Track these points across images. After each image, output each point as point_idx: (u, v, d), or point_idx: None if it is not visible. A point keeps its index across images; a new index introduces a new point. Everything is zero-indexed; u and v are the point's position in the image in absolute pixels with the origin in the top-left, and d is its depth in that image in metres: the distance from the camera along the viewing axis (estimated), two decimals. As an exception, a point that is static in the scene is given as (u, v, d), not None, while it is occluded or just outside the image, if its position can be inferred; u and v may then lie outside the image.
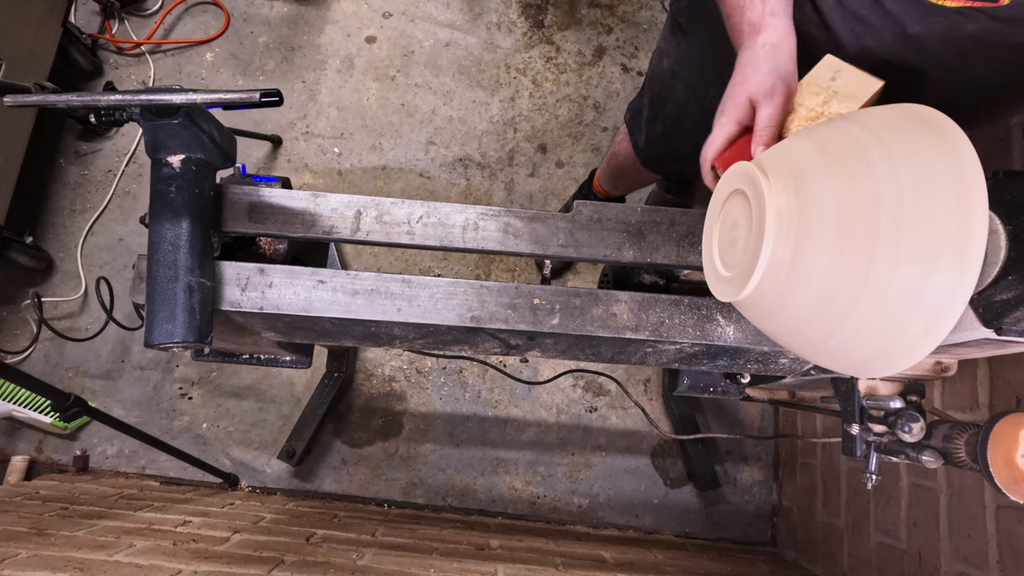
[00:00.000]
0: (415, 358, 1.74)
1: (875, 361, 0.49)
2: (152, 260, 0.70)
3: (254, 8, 1.96)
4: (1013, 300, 0.50)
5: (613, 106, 1.93)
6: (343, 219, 0.78)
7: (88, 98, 0.65)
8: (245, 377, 1.70)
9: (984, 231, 0.42)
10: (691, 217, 0.79)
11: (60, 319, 1.71)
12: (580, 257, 0.79)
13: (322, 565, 1.04)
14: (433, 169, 1.86)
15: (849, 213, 0.47)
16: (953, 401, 1.09)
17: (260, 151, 1.85)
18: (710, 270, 0.63)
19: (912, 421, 0.69)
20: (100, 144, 1.83)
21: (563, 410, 1.73)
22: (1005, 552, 0.96)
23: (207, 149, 0.73)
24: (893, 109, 0.51)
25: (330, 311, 0.75)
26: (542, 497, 1.68)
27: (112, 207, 1.79)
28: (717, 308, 0.77)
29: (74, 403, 1.14)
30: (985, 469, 0.59)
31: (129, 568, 0.95)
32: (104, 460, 1.64)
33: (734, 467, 1.71)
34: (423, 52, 1.95)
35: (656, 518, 1.68)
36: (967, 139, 0.45)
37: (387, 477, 1.67)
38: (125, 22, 1.91)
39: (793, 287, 0.51)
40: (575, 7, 2.02)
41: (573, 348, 0.83)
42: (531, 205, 1.85)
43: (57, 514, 1.20)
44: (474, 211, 0.78)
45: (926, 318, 0.44)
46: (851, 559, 1.35)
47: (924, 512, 1.14)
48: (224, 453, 1.66)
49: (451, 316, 0.76)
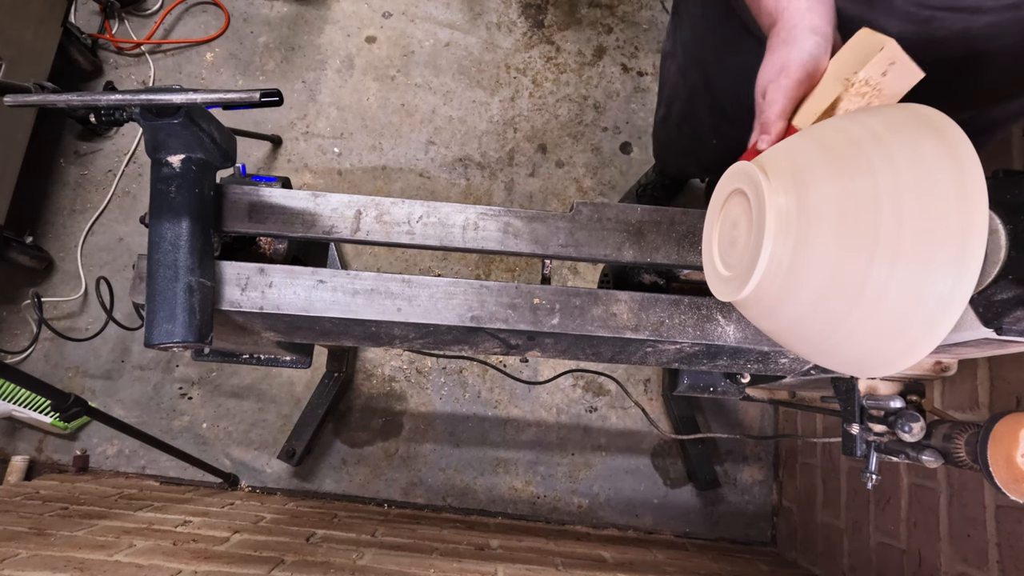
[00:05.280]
0: (415, 358, 1.74)
1: (875, 361, 0.49)
2: (152, 260, 0.70)
3: (254, 8, 1.96)
4: (1013, 300, 0.50)
5: (613, 106, 1.93)
6: (343, 219, 0.78)
7: (88, 98, 0.65)
8: (245, 377, 1.70)
9: (984, 231, 0.42)
10: (691, 217, 0.79)
11: (60, 319, 1.71)
12: (580, 257, 0.79)
13: (322, 565, 1.04)
14: (433, 169, 1.86)
15: (849, 212, 0.47)
16: (953, 401, 1.09)
17: (260, 151, 1.85)
18: (710, 270, 0.63)
19: (912, 421, 0.69)
20: (100, 144, 1.83)
21: (563, 410, 1.73)
22: (1005, 552, 0.96)
23: (207, 149, 0.72)
24: (893, 109, 0.51)
25: (330, 311, 0.75)
26: (542, 497, 1.68)
27: (112, 207, 1.79)
28: (717, 308, 0.77)
29: (74, 403, 1.14)
30: (985, 469, 0.59)
31: (129, 568, 0.95)
32: (104, 460, 1.64)
33: (734, 467, 1.71)
34: (423, 52, 1.95)
35: (656, 518, 1.68)
36: (967, 139, 0.45)
37: (387, 477, 1.67)
38: (125, 22, 1.91)
39: (793, 286, 0.51)
40: (575, 7, 2.02)
41: (573, 348, 0.83)
42: (531, 205, 1.85)
43: (57, 514, 1.20)
44: (474, 211, 0.78)
45: (926, 318, 0.44)
46: (851, 559, 1.35)
47: (924, 512, 1.14)
48: (224, 453, 1.66)
49: (451, 316, 0.76)
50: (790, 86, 0.60)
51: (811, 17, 0.61)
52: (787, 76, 0.60)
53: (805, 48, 0.60)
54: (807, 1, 0.61)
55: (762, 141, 0.63)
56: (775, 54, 0.62)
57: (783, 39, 0.61)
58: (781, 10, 0.62)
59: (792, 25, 0.61)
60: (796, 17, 0.61)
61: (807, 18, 0.61)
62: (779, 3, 0.62)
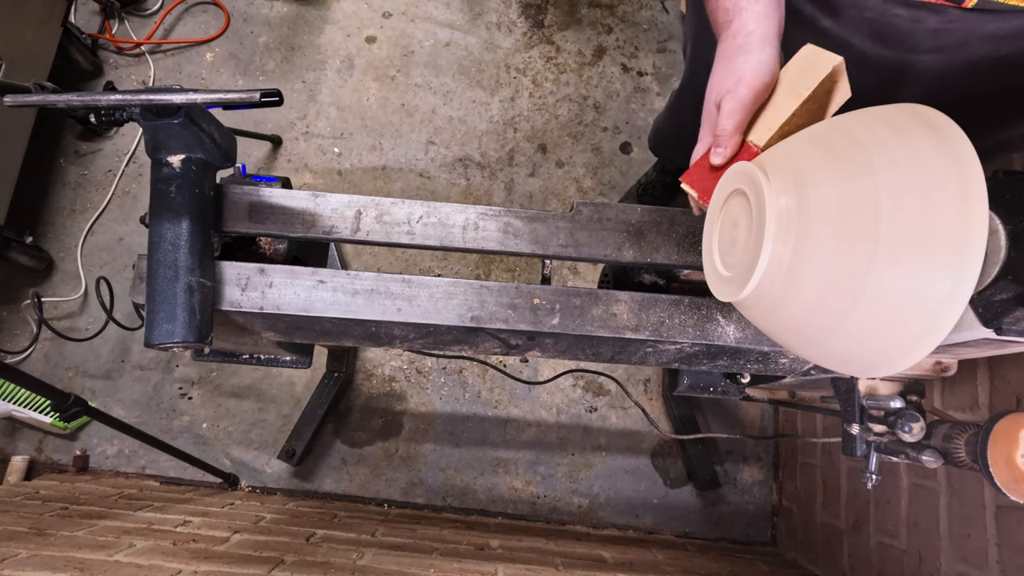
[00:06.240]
0: (415, 358, 1.74)
1: (875, 361, 0.49)
2: (152, 260, 0.70)
3: (254, 8, 1.96)
4: (1013, 300, 0.50)
5: (613, 106, 1.93)
6: (343, 219, 0.78)
7: (88, 98, 0.65)
8: (245, 377, 1.70)
9: (984, 231, 0.42)
10: (691, 217, 0.79)
11: (60, 319, 1.71)
12: (580, 257, 0.79)
13: (322, 565, 1.04)
14: (433, 169, 1.86)
15: (849, 213, 0.47)
16: (953, 401, 1.09)
17: (260, 151, 1.85)
18: (710, 270, 0.63)
19: (912, 421, 0.69)
20: (100, 144, 1.83)
21: (563, 410, 1.73)
22: (1005, 552, 0.96)
23: (207, 149, 0.72)
24: (893, 109, 0.51)
25: (330, 311, 0.75)
26: (542, 497, 1.68)
27: (112, 207, 1.79)
28: (717, 308, 0.77)
29: (74, 403, 1.14)
30: (985, 469, 0.59)
31: (129, 568, 0.95)
32: (104, 460, 1.64)
33: (734, 467, 1.71)
34: (423, 52, 1.95)
35: (656, 518, 1.68)
36: (967, 139, 0.45)
37: (387, 477, 1.67)
38: (125, 22, 1.91)
39: (793, 287, 0.51)
40: (575, 7, 2.02)
41: (573, 348, 0.83)
42: (531, 205, 1.85)
43: (57, 514, 1.20)
44: (474, 211, 0.78)
45: (926, 318, 0.44)
46: (851, 559, 1.35)
47: (924, 512, 1.14)
48: (224, 453, 1.66)
49: (451, 316, 0.76)
50: (747, 98, 0.59)
51: (767, 26, 0.60)
52: (745, 87, 0.59)
53: (762, 59, 0.59)
54: (764, 8, 0.60)
55: (716, 155, 0.61)
56: (731, 62, 0.60)
57: (739, 46, 0.60)
58: (739, 10, 0.61)
59: (748, 31, 0.60)
60: (752, 23, 0.60)
61: (763, 26, 0.60)
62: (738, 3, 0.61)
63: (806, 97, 0.58)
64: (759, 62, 0.59)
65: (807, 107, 0.59)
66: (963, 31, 0.68)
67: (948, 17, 0.67)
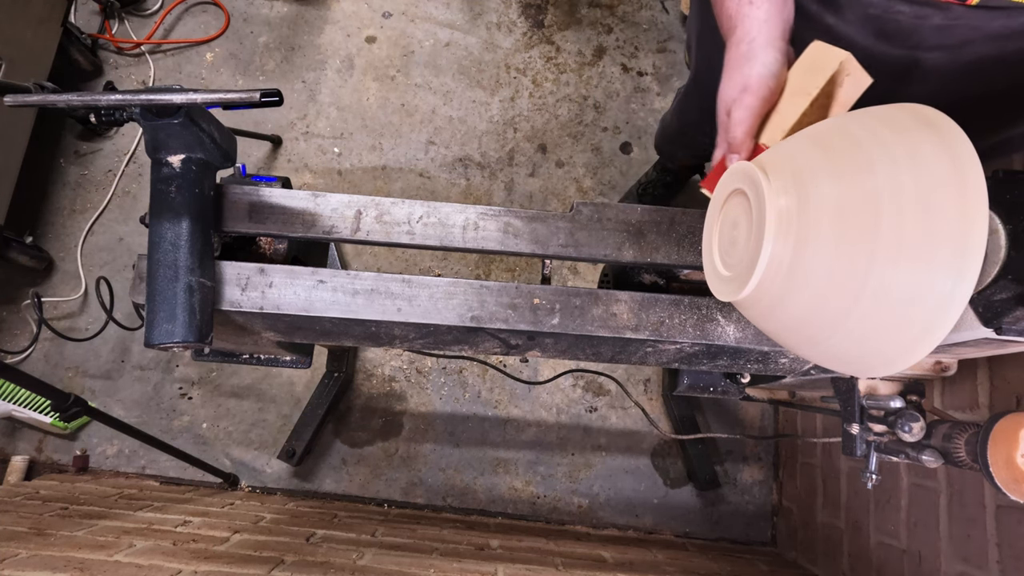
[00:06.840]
0: (415, 358, 1.74)
1: (875, 360, 0.49)
2: (152, 260, 0.70)
3: (254, 8, 1.96)
4: (1013, 300, 0.50)
5: (613, 106, 1.93)
6: (343, 219, 0.78)
7: (88, 98, 0.65)
8: (245, 377, 1.70)
9: (984, 231, 0.42)
10: (691, 217, 0.79)
11: (60, 319, 1.71)
12: (580, 257, 0.79)
13: (322, 565, 1.04)
14: (433, 169, 1.86)
15: (849, 213, 0.47)
16: (953, 401, 1.09)
17: (260, 151, 1.85)
18: (710, 270, 0.63)
19: (912, 421, 0.69)
20: (100, 144, 1.83)
21: (563, 410, 1.73)
22: (1005, 552, 0.96)
23: (207, 149, 0.72)
24: (893, 108, 0.51)
25: (330, 311, 0.75)
26: (542, 497, 1.68)
27: (112, 207, 1.79)
28: (717, 308, 0.77)
29: (74, 403, 1.14)
30: (985, 469, 0.59)
31: (129, 568, 0.95)
32: (104, 460, 1.64)
33: (734, 467, 1.71)
34: (423, 52, 1.95)
35: (656, 518, 1.68)
36: (967, 139, 0.45)
37: (387, 477, 1.67)
38: (125, 22, 1.91)
39: (793, 287, 0.51)
40: (575, 7, 2.02)
41: (573, 348, 0.83)
42: (531, 205, 1.85)
43: (57, 514, 1.20)
44: (474, 211, 0.78)
45: (926, 318, 0.44)
46: (851, 559, 1.35)
47: (924, 512, 1.14)
48: (224, 453, 1.66)
49: (451, 316, 0.76)
50: (755, 105, 0.60)
51: (768, 29, 0.61)
52: (751, 94, 0.60)
53: (767, 64, 0.60)
54: (765, 12, 0.61)
55: (731, 161, 0.63)
56: (737, 71, 0.61)
57: (743, 53, 0.61)
58: (741, 17, 0.62)
59: (751, 38, 0.61)
60: (755, 29, 0.61)
61: (765, 31, 0.61)
62: (740, 9, 0.62)
63: (815, 96, 0.59)
64: (763, 66, 0.60)
65: (819, 104, 0.60)
66: (967, 28, 0.68)
67: (952, 14, 0.66)
